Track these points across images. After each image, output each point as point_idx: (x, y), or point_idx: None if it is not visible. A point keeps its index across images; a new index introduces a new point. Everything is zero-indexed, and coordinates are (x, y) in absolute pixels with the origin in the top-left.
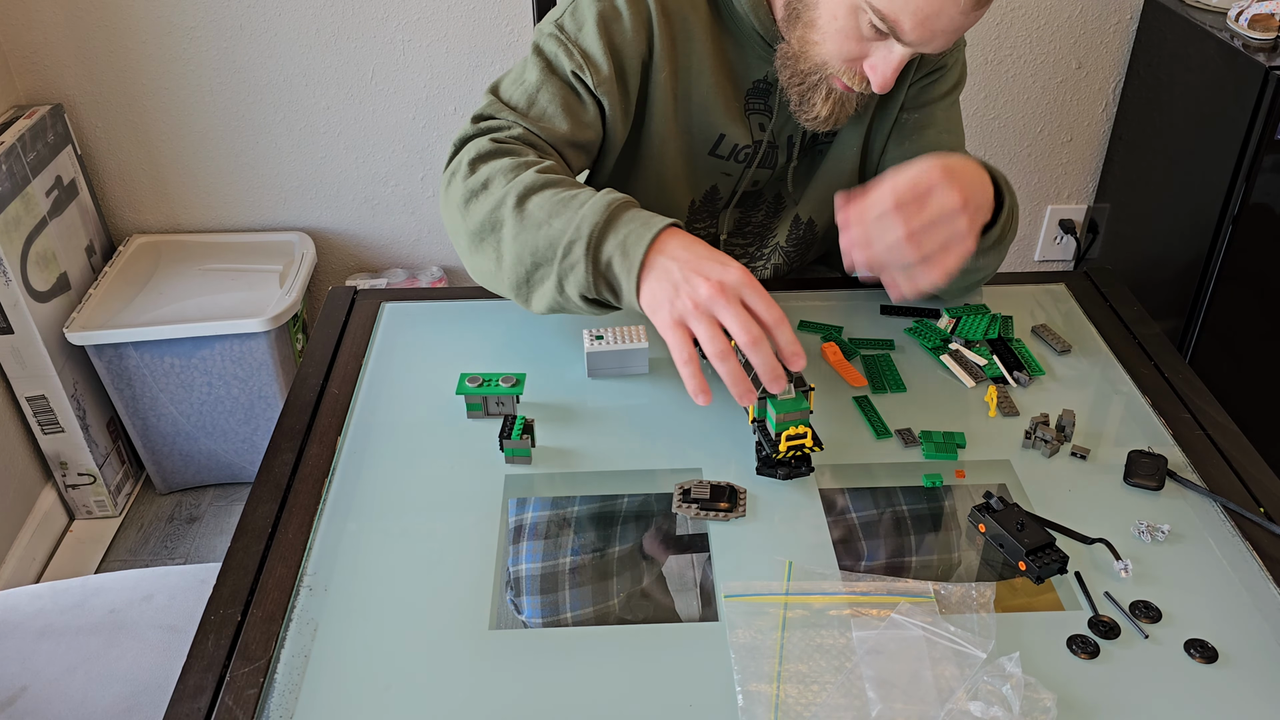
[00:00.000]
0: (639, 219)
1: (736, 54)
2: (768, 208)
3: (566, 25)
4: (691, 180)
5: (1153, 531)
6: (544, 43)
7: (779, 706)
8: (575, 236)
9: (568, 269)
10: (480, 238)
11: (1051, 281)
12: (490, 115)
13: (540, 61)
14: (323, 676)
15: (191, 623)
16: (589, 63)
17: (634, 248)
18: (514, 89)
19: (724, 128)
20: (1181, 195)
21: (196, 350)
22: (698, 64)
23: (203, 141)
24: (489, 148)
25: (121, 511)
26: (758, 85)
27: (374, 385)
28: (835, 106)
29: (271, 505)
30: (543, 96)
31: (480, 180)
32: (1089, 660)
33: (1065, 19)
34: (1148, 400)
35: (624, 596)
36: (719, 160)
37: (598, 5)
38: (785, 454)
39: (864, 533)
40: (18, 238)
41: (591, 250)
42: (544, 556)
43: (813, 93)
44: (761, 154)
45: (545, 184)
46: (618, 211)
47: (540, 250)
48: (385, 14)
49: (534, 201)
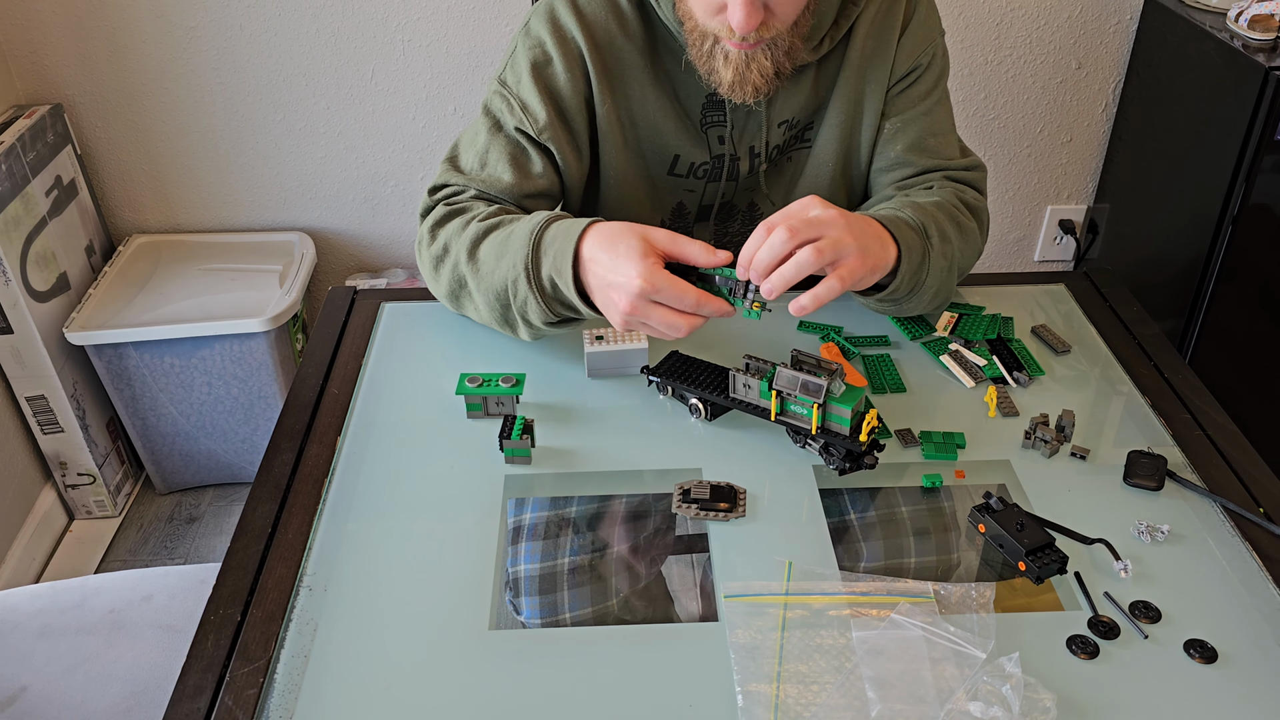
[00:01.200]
0: (560, 233)
1: (679, 72)
2: (743, 217)
3: (507, 79)
4: (656, 201)
5: (1152, 532)
6: (491, 101)
7: (779, 706)
8: (515, 275)
9: (523, 305)
10: (456, 297)
11: (1051, 282)
12: (443, 184)
13: (488, 121)
14: (323, 676)
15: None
16: (528, 113)
17: (563, 266)
18: (468, 153)
19: (677, 148)
20: (1181, 195)
21: (196, 350)
22: (638, 90)
23: (203, 141)
24: (442, 213)
25: (121, 511)
26: (710, 99)
27: (374, 385)
28: (738, 70)
29: (271, 505)
30: (492, 155)
31: (440, 246)
32: (1089, 660)
33: (1065, 19)
34: (1147, 400)
35: (623, 597)
36: (679, 179)
37: (530, 55)
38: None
39: (864, 533)
40: (17, 238)
41: (533, 283)
42: (542, 557)
43: (711, 60)
44: (723, 168)
45: (487, 230)
46: (541, 235)
47: (500, 294)
48: (385, 14)
49: (482, 250)
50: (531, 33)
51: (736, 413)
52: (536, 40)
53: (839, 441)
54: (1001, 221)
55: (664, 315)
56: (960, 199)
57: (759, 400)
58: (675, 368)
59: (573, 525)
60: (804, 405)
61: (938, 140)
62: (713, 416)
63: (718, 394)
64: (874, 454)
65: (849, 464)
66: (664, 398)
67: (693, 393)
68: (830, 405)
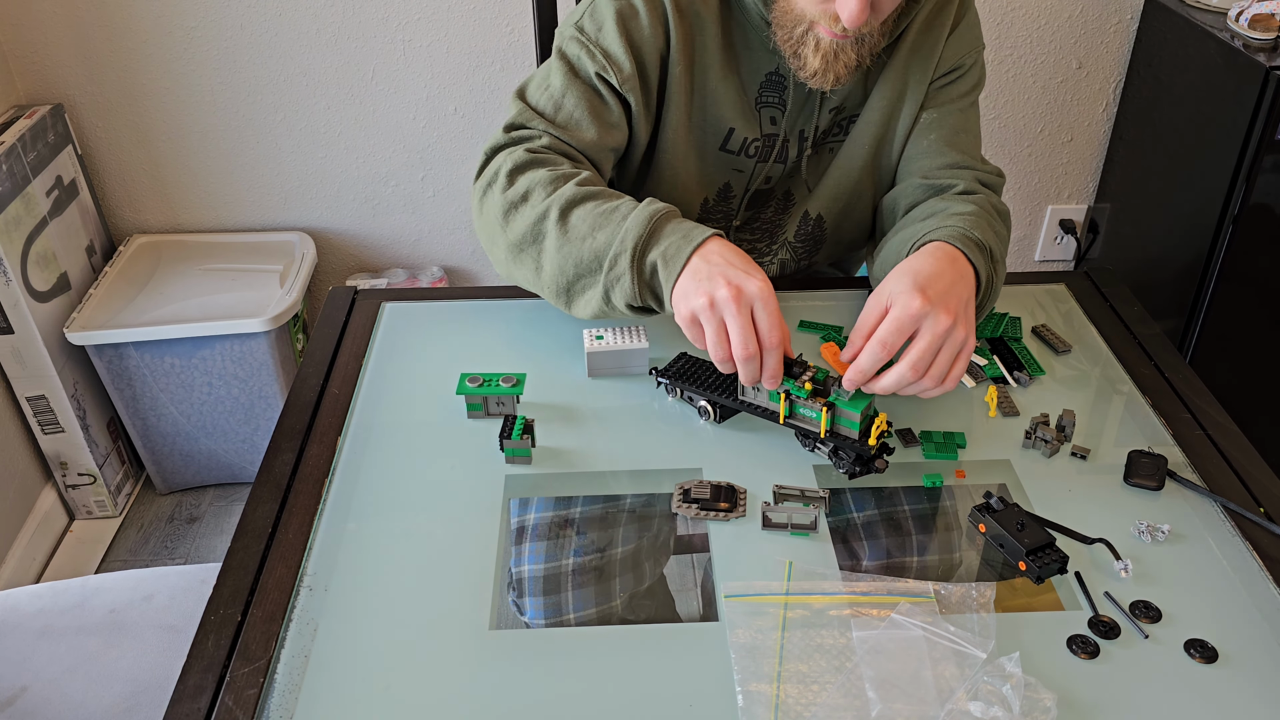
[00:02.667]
0: (681, 230)
1: (745, 46)
2: (778, 204)
3: (586, 26)
4: (705, 178)
5: (1153, 531)
6: (566, 46)
7: (779, 706)
8: (620, 249)
9: (614, 280)
10: (520, 249)
11: (1051, 281)
12: (521, 124)
13: (564, 65)
14: (323, 676)
15: (191, 623)
16: (611, 62)
17: (675, 258)
18: (540, 94)
19: (732, 121)
20: (1181, 195)
21: (197, 350)
22: (709, 58)
23: (203, 141)
24: (525, 158)
25: (121, 512)
26: (770, 78)
27: (374, 385)
28: (826, 58)
29: (272, 505)
30: (569, 101)
31: (520, 192)
32: (1089, 660)
33: (1065, 19)
34: (1148, 400)
35: (626, 597)
36: (729, 155)
37: (615, 4)
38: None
39: (864, 533)
40: (18, 238)
41: (636, 261)
42: (546, 558)
43: (801, 46)
44: (774, 148)
45: (586, 196)
46: (660, 223)
47: (584, 262)
48: (385, 14)
49: (576, 214)
50: None
51: (738, 413)
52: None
53: (848, 445)
54: None
55: (747, 326)
56: (994, 206)
57: (768, 403)
58: (684, 369)
59: (576, 526)
60: (813, 409)
61: (968, 139)
62: (721, 419)
63: (726, 396)
64: (883, 457)
65: (858, 468)
66: (672, 399)
67: (701, 395)
68: (839, 409)
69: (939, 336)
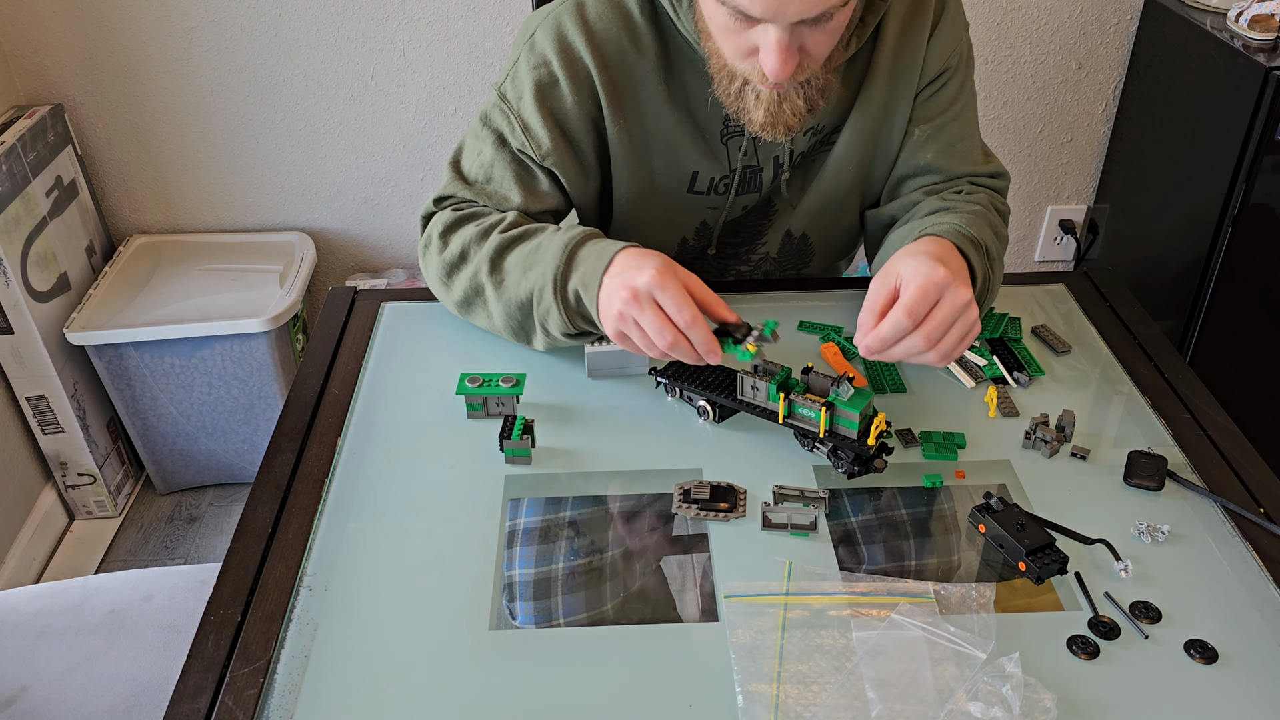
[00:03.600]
0: (595, 251)
1: (698, 85)
2: (758, 211)
3: (508, 94)
4: (675, 221)
5: (1153, 532)
6: (491, 113)
7: (779, 707)
8: (542, 284)
9: (544, 314)
10: (469, 304)
11: (1051, 282)
12: (450, 195)
13: (490, 135)
14: (323, 677)
15: (191, 623)
16: (530, 136)
17: (592, 280)
18: (471, 164)
19: (695, 165)
20: (1181, 195)
21: (196, 350)
22: (652, 109)
23: (203, 141)
24: (453, 218)
25: (121, 512)
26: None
27: (374, 385)
28: (770, 110)
29: (271, 505)
30: (496, 171)
31: (455, 252)
32: (1089, 660)
33: (1065, 19)
34: (1148, 400)
35: (618, 602)
36: (699, 196)
37: (534, 75)
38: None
39: (864, 533)
40: (18, 238)
41: (559, 293)
42: (537, 562)
43: (740, 100)
44: (742, 181)
45: (511, 242)
46: (576, 249)
47: (522, 304)
48: (385, 14)
49: (507, 262)
50: (536, 49)
51: (738, 414)
52: (541, 59)
53: (847, 445)
54: None
55: (657, 317)
56: (996, 206)
57: (767, 403)
58: (683, 369)
59: (568, 530)
60: (812, 408)
61: (966, 144)
62: (721, 419)
63: (725, 396)
64: (882, 457)
65: (857, 467)
66: (671, 399)
67: (701, 395)
68: (838, 408)
69: (957, 309)
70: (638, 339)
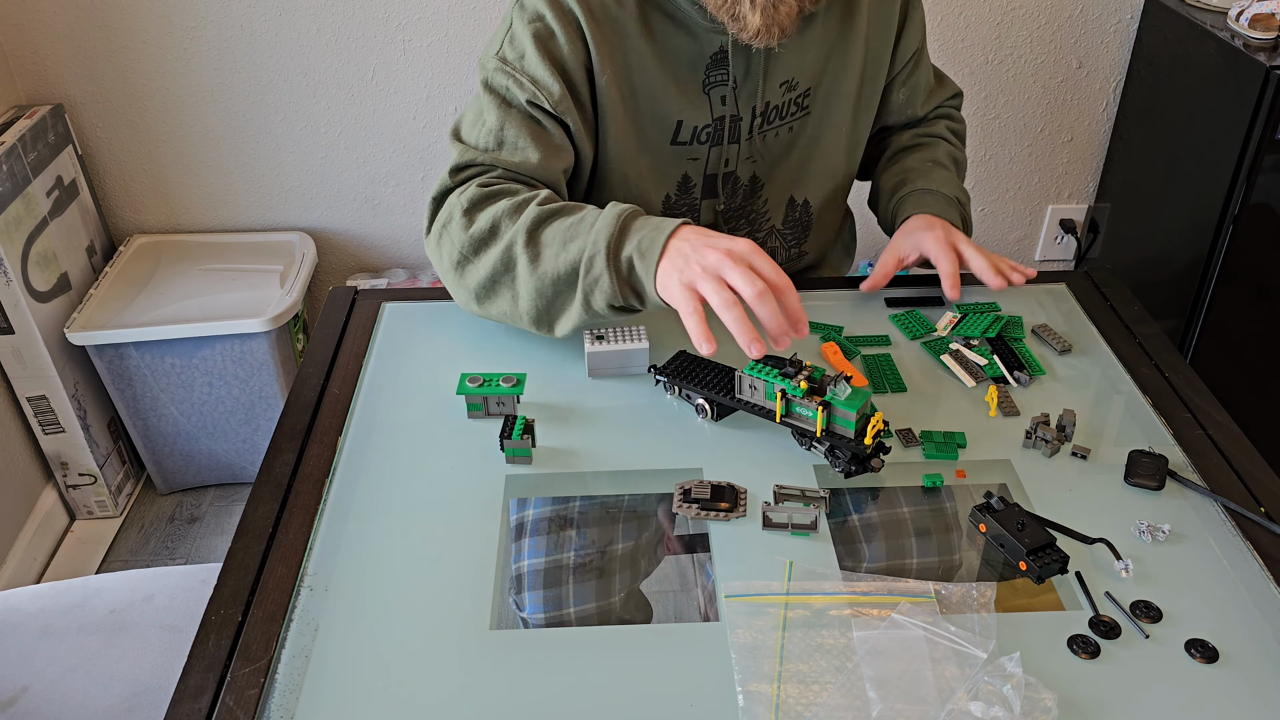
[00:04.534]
0: (651, 224)
1: (679, 35)
2: (745, 192)
3: (508, 55)
4: (660, 175)
5: (1153, 531)
6: (492, 78)
7: (779, 706)
8: (594, 251)
9: (592, 284)
10: (493, 283)
11: (1052, 281)
12: (466, 163)
13: (495, 99)
14: (323, 676)
15: (192, 623)
16: (540, 87)
17: (650, 249)
18: (477, 132)
19: (679, 114)
20: (1181, 195)
21: (197, 350)
22: (636, 59)
23: (203, 141)
24: (479, 194)
25: (122, 512)
26: (715, 58)
27: (374, 385)
28: (766, 12)
29: (272, 505)
30: (508, 132)
31: (484, 228)
32: (1089, 660)
33: (1065, 19)
34: (1148, 400)
35: (625, 594)
36: (682, 147)
37: (530, 28)
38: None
39: (864, 533)
40: (18, 238)
41: (612, 260)
42: (546, 551)
43: (737, 6)
44: (725, 129)
45: (549, 215)
46: (629, 220)
47: (561, 277)
48: (385, 14)
49: (545, 234)
50: (528, 7)
51: (739, 413)
52: (535, 13)
53: (844, 444)
54: (1002, 221)
55: (748, 272)
56: (953, 131)
57: (764, 401)
58: (682, 368)
59: (576, 521)
60: (809, 408)
61: (928, 81)
62: (718, 417)
63: (723, 394)
64: (879, 456)
65: (854, 467)
66: (671, 397)
67: (699, 393)
68: (835, 408)
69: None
70: (715, 294)
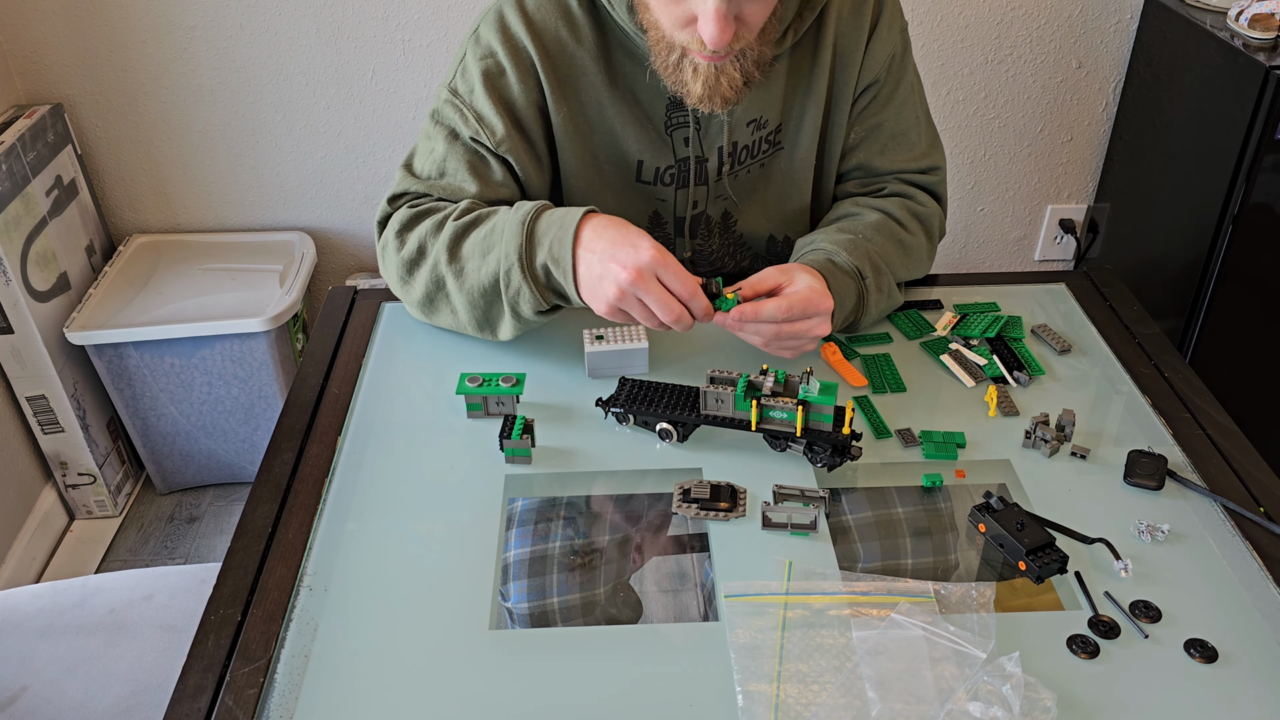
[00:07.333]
0: (555, 222)
1: (639, 75)
2: (719, 231)
3: (459, 88)
4: (626, 210)
5: (1153, 531)
6: (442, 110)
7: (779, 706)
8: (508, 265)
9: (515, 296)
10: (431, 301)
11: (1051, 281)
12: (403, 192)
13: (443, 130)
14: (323, 676)
15: (192, 623)
16: (484, 125)
17: (561, 253)
18: (424, 162)
19: (639, 154)
20: (1181, 195)
21: (196, 350)
22: (593, 97)
23: (203, 141)
24: (408, 216)
25: (122, 511)
26: (674, 100)
27: (374, 385)
28: (708, 82)
29: (272, 505)
30: (450, 164)
31: (413, 249)
32: (1089, 660)
33: (1065, 19)
34: (1148, 400)
35: (610, 587)
36: (646, 186)
37: (481, 65)
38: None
39: (864, 533)
40: (18, 238)
41: (527, 271)
42: (533, 541)
43: (679, 72)
44: (691, 171)
45: (466, 227)
46: (534, 224)
47: (487, 289)
48: (385, 14)
49: (465, 248)
50: (481, 41)
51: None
52: (487, 49)
53: (823, 438)
54: (1002, 221)
55: (662, 294)
56: (909, 210)
57: (733, 412)
58: (635, 394)
59: (564, 512)
60: (785, 409)
61: (901, 139)
62: (684, 438)
63: (688, 413)
64: (855, 443)
65: (837, 458)
66: (626, 427)
67: (660, 418)
68: (812, 404)
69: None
70: (641, 316)
